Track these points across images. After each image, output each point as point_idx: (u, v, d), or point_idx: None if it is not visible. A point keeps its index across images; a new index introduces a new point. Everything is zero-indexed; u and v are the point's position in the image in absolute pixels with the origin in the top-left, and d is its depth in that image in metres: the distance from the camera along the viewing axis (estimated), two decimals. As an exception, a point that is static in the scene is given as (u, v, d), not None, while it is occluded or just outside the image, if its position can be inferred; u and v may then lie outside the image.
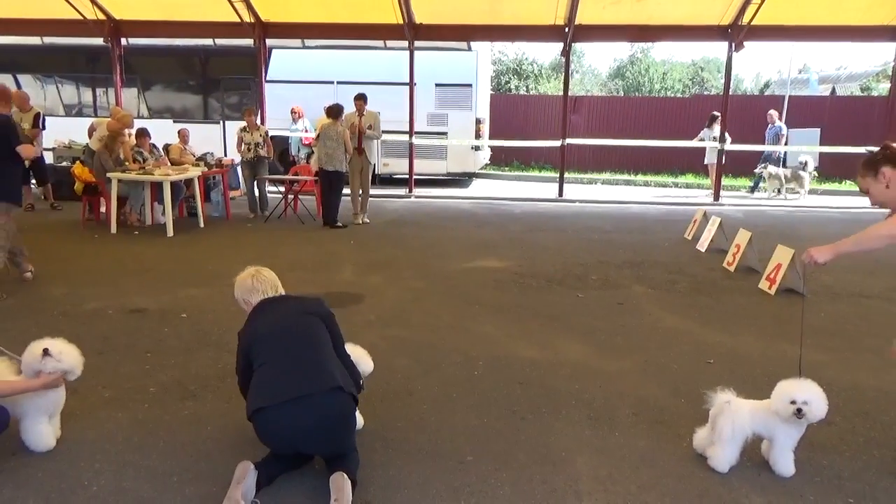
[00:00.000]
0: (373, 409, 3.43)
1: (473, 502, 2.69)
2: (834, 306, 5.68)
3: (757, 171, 13.45)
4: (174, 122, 13.78)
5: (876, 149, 3.10)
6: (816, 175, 14.11)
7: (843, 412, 3.53)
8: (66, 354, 3.00)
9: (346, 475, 2.58)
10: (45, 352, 2.94)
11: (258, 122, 10.47)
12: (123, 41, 13.02)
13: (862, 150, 11.85)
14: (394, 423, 3.36)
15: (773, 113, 13.47)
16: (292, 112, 13.29)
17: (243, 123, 10.07)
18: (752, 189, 13.99)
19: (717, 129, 13.05)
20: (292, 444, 2.72)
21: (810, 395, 2.83)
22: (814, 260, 3.00)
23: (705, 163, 13.56)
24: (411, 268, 6.91)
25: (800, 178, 13.01)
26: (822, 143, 14.57)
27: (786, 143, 13.53)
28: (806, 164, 13.01)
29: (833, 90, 19.99)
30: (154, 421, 3.34)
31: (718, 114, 13.05)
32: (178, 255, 7.33)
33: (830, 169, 15.26)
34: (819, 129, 15.08)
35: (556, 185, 13.26)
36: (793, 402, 2.81)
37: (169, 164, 9.61)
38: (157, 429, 3.26)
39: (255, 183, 10.11)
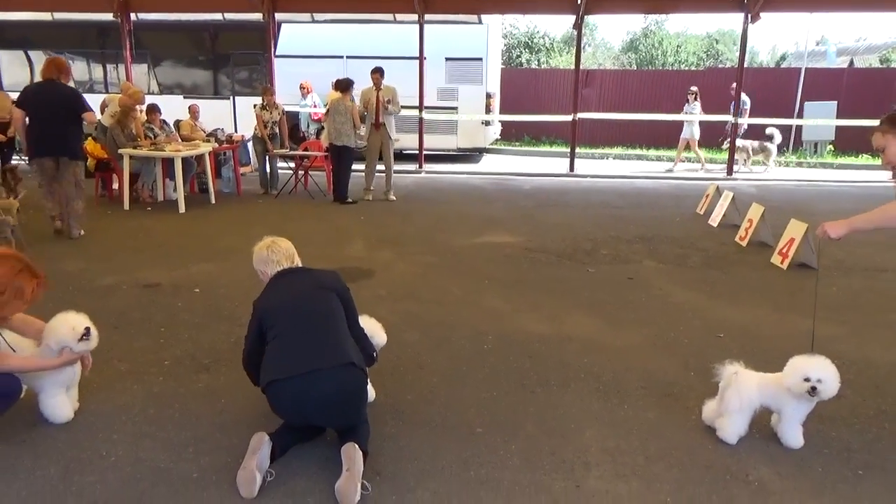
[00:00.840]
0: (383, 383, 3.47)
1: (483, 473, 2.73)
2: (847, 280, 5.64)
3: (724, 146, 13.21)
4: (184, 97, 13.78)
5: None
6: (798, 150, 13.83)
7: (853, 385, 3.52)
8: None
9: (357, 446, 2.61)
10: (87, 332, 2.97)
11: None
12: (133, 16, 12.97)
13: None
14: (404, 396, 3.40)
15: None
16: (301, 87, 13.21)
17: (260, 101, 9.96)
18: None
19: (696, 104, 12.89)
20: (305, 416, 2.76)
21: (825, 374, 2.80)
22: (827, 235, 2.99)
23: (685, 137, 13.24)
24: (421, 243, 6.92)
25: (767, 151, 12.89)
26: (838, 117, 14.34)
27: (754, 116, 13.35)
28: (773, 136, 12.87)
29: (851, 62, 19.62)
30: (169, 393, 3.40)
31: (696, 88, 12.97)
32: (190, 231, 7.38)
33: (847, 143, 15.01)
34: (836, 103, 14.84)
35: (568, 160, 13.18)
36: (807, 380, 2.78)
37: (180, 140, 9.62)
38: (173, 401, 3.31)
39: (267, 159, 10.10)
